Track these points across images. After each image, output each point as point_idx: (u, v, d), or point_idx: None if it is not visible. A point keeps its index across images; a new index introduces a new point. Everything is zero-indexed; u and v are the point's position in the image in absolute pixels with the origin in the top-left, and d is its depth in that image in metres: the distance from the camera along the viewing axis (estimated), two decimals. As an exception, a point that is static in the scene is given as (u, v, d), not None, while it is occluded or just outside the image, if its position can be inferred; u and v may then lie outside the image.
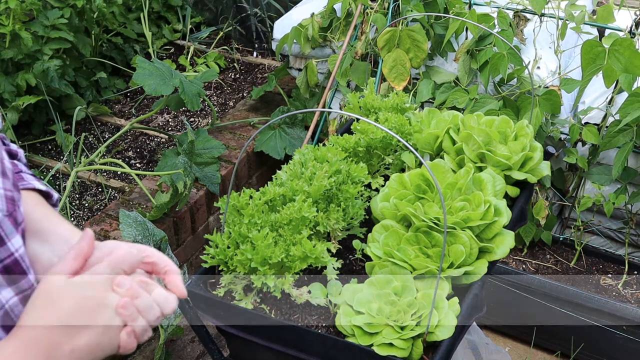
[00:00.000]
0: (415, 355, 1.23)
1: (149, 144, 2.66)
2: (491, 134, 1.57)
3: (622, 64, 1.84)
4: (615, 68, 1.85)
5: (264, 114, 2.81)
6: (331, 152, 1.47)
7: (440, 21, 2.23)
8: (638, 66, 1.83)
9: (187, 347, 2.30)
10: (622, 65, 1.83)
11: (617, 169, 1.99)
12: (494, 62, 2.07)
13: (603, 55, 1.86)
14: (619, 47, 1.83)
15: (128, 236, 1.77)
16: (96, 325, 0.76)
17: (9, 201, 0.82)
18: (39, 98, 2.44)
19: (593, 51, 1.87)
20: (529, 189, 1.63)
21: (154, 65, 2.31)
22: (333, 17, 2.45)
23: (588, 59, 1.88)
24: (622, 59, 1.84)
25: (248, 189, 1.36)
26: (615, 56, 1.84)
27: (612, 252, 2.32)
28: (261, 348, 1.32)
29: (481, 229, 1.38)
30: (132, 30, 3.02)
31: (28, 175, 0.97)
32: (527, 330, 2.30)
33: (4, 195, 0.81)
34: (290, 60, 2.71)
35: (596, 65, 1.88)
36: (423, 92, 2.25)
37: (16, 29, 2.36)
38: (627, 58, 1.83)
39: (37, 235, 0.89)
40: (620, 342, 2.13)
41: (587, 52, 1.88)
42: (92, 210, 2.29)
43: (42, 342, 0.74)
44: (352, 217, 1.43)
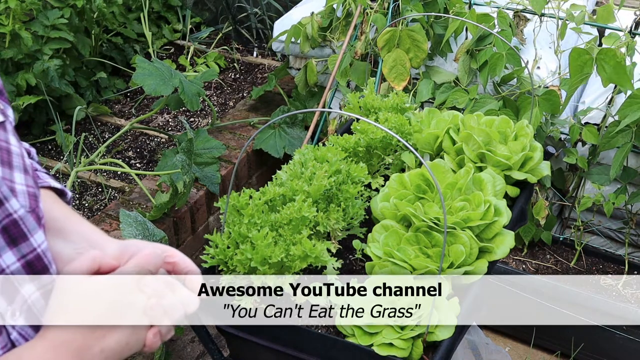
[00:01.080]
0: (415, 355, 1.23)
1: (149, 144, 2.66)
2: (491, 134, 1.57)
3: (607, 73, 1.84)
4: (601, 76, 1.85)
5: (264, 113, 2.81)
6: (331, 152, 1.47)
7: (440, 21, 2.23)
8: (622, 77, 1.83)
9: (187, 347, 2.30)
10: (607, 74, 1.84)
11: (615, 169, 1.99)
12: (493, 62, 2.08)
13: (590, 63, 1.86)
14: (605, 56, 1.83)
15: (128, 236, 1.77)
16: (126, 326, 0.77)
17: (32, 197, 0.82)
18: (39, 98, 2.44)
19: (581, 59, 1.87)
20: (529, 189, 1.63)
21: (154, 65, 2.31)
22: (333, 17, 2.45)
23: (576, 66, 1.89)
24: (608, 68, 1.84)
25: (248, 189, 1.36)
26: (601, 65, 1.84)
27: (612, 252, 2.32)
28: (261, 348, 1.32)
29: (481, 229, 1.38)
30: (132, 30, 3.02)
31: (43, 174, 0.97)
32: (527, 330, 2.30)
33: (27, 191, 0.82)
34: (290, 60, 2.71)
35: (583, 73, 1.88)
36: (423, 92, 2.25)
37: (16, 29, 2.36)
38: (612, 68, 1.83)
39: (57, 234, 0.89)
40: (620, 342, 2.13)
41: (575, 60, 1.88)
42: (92, 210, 2.29)
43: (73, 343, 0.74)
44: (352, 217, 1.43)
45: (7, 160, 0.80)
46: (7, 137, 0.82)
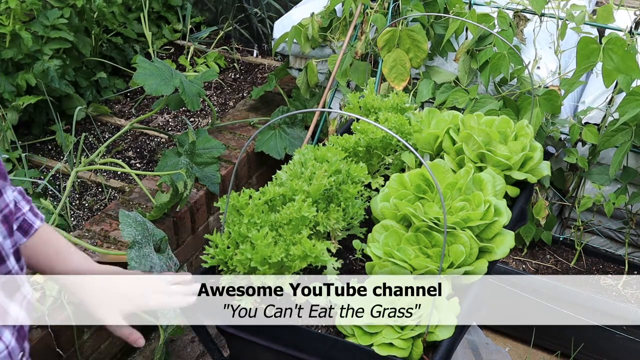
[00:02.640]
0: (415, 355, 1.23)
1: (149, 144, 2.66)
2: (491, 134, 1.57)
3: (614, 62, 1.84)
4: (608, 67, 1.85)
5: (264, 114, 2.81)
6: (331, 152, 1.47)
7: (440, 21, 2.23)
8: (630, 66, 1.83)
9: (187, 347, 2.30)
10: (615, 64, 1.84)
11: (615, 168, 1.99)
12: (494, 62, 2.07)
13: (597, 52, 1.87)
14: (613, 46, 1.84)
15: (128, 236, 1.77)
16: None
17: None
18: (39, 98, 2.44)
19: (588, 48, 1.88)
20: (529, 189, 1.63)
21: (155, 65, 2.31)
22: (333, 17, 2.45)
23: (583, 54, 1.90)
24: (615, 58, 1.84)
25: (248, 189, 1.36)
26: (609, 55, 1.85)
27: (612, 252, 2.32)
28: (261, 348, 1.32)
29: (481, 229, 1.38)
30: (132, 30, 3.02)
31: (29, 215, 1.17)
32: (527, 330, 2.30)
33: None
34: (290, 60, 2.71)
35: (589, 61, 1.89)
36: (423, 92, 2.25)
37: (16, 29, 2.36)
38: (620, 57, 1.83)
39: None
40: (620, 342, 2.13)
41: (583, 49, 1.89)
42: (92, 210, 2.29)
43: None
44: (352, 217, 1.43)
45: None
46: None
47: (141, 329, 1.24)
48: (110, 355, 2.06)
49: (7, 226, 0.94)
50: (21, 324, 0.97)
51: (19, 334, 0.96)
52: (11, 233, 0.96)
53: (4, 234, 0.94)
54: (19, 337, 0.95)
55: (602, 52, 1.85)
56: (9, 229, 0.95)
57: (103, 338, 2.01)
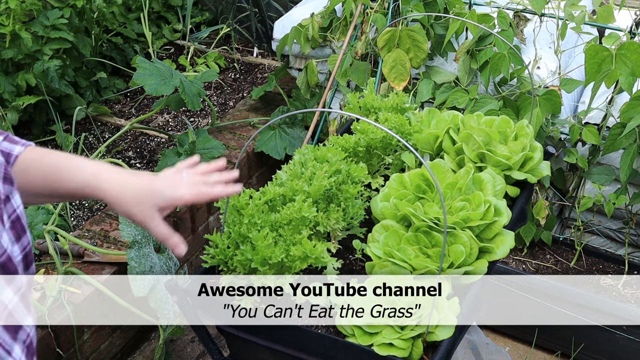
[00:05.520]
0: (415, 355, 1.23)
1: (149, 144, 2.66)
2: (491, 134, 1.57)
3: (629, 67, 1.79)
4: (622, 72, 1.81)
5: (264, 114, 2.81)
6: (331, 152, 1.47)
7: (440, 21, 2.23)
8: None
9: (187, 347, 2.30)
10: (630, 69, 1.79)
11: (625, 172, 1.95)
12: (494, 62, 2.07)
13: (609, 60, 1.81)
14: (626, 51, 1.80)
15: (128, 236, 1.77)
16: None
17: None
18: (39, 98, 2.44)
19: (598, 56, 1.82)
20: (529, 189, 1.63)
21: (155, 65, 2.31)
22: (333, 17, 2.45)
23: (593, 64, 1.83)
24: (630, 63, 1.80)
25: (248, 189, 1.36)
26: (622, 60, 1.80)
27: (612, 252, 2.31)
28: (261, 348, 1.32)
29: (481, 229, 1.38)
30: (132, 30, 3.02)
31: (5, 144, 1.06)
32: (528, 330, 2.30)
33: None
34: (290, 60, 2.71)
35: (603, 72, 1.82)
36: (423, 92, 2.25)
37: (16, 29, 2.36)
38: (634, 62, 1.79)
39: None
40: (620, 342, 2.13)
41: (592, 57, 1.83)
42: (92, 210, 2.29)
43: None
44: (352, 217, 1.43)
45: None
46: None
47: (141, 329, 1.24)
48: (110, 355, 2.06)
49: (14, 232, 0.91)
50: (31, 340, 0.93)
51: (29, 351, 0.93)
52: (19, 237, 0.93)
53: (12, 239, 0.90)
54: (28, 354, 0.93)
55: (615, 58, 1.80)
56: (16, 234, 0.91)
57: (103, 338, 2.01)
